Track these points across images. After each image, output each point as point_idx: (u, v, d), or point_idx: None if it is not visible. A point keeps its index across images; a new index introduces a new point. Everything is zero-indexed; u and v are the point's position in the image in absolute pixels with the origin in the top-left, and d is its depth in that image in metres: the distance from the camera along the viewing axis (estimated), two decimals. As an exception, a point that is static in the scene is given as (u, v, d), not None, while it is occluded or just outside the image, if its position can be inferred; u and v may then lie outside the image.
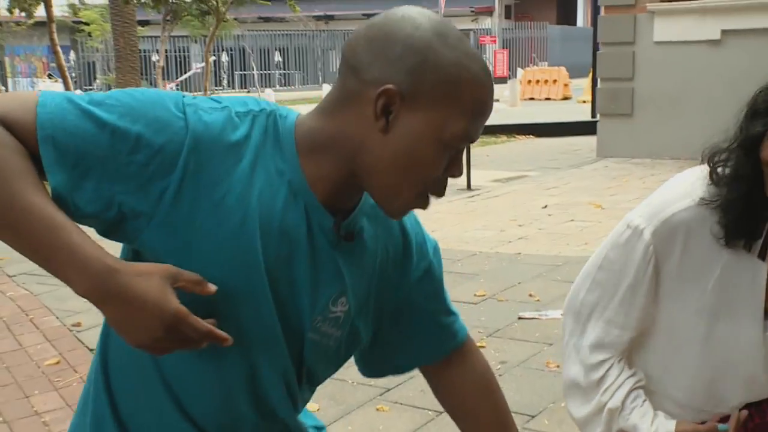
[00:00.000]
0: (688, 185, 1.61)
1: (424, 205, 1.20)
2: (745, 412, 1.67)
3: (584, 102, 20.28)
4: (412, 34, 1.14)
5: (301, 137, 1.20)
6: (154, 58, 29.36)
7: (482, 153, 12.57)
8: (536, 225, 7.03)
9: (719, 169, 1.56)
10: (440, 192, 1.20)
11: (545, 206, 7.81)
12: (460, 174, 1.20)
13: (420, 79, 1.13)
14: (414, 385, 3.82)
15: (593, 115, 15.55)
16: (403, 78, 1.13)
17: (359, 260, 1.27)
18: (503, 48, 33.46)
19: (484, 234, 6.78)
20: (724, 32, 9.70)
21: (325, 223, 1.21)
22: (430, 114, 1.14)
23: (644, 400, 1.69)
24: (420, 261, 1.38)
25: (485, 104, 1.17)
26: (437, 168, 1.17)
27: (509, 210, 7.77)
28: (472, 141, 1.19)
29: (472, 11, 36.81)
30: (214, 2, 20.44)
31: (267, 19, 36.82)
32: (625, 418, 1.67)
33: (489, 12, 38.23)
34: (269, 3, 25.08)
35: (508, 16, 39.98)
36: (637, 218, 1.64)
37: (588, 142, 12.51)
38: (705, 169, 1.58)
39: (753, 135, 1.52)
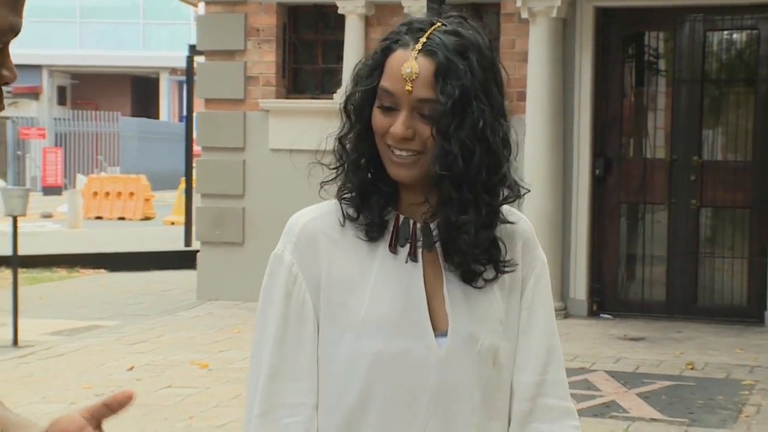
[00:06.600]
0: (312, 207, 2.05)
1: None
2: None
3: (172, 224, 20.86)
4: None
5: None
6: None
7: (32, 294, 12.41)
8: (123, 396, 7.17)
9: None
10: None
11: (131, 368, 7.96)
12: None
13: None
14: None
15: (187, 243, 16.10)
16: None
17: None
18: (57, 146, 33.45)
19: (47, 409, 6.72)
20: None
21: None
22: None
23: None
24: None
25: None
26: None
27: (81, 374, 7.80)
28: None
29: (10, 93, 36.51)
30: None
31: None
32: None
33: (35, 94, 38.12)
34: None
35: (62, 102, 40.13)
36: (277, 248, 2.04)
37: (183, 279, 12.88)
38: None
39: (358, 101, 1.95)
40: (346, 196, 2.00)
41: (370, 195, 1.98)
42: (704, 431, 6.57)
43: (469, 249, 1.95)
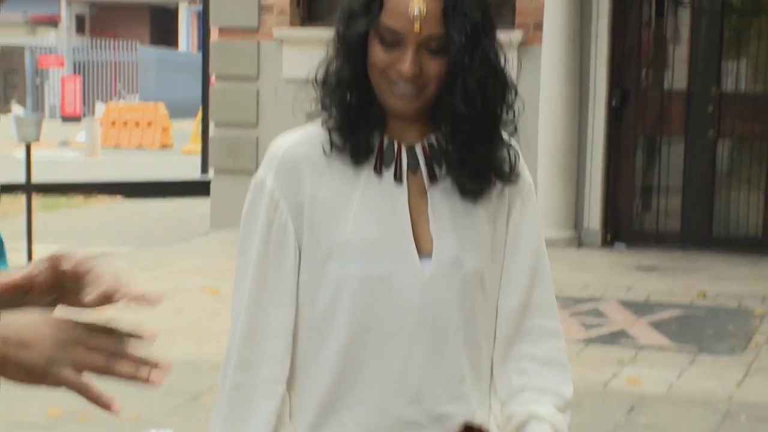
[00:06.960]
0: (294, 132, 2.06)
1: None
2: None
3: (191, 153, 20.92)
4: None
5: None
6: None
7: (49, 221, 12.50)
8: (132, 318, 7.25)
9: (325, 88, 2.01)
10: None
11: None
12: None
13: None
14: None
15: (204, 171, 16.14)
16: None
17: None
18: (75, 74, 33.44)
19: (58, 332, 6.84)
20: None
21: None
22: None
23: None
24: None
25: None
26: None
27: (92, 299, 7.89)
28: None
29: (28, 22, 36.43)
30: None
31: None
32: None
33: (53, 23, 38.05)
34: None
35: (81, 31, 40.06)
36: (258, 174, 2.04)
37: (198, 206, 12.92)
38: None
39: (354, 36, 1.94)
40: (332, 125, 2.00)
41: (357, 122, 1.98)
42: (712, 358, 6.60)
43: (485, 175, 1.99)
